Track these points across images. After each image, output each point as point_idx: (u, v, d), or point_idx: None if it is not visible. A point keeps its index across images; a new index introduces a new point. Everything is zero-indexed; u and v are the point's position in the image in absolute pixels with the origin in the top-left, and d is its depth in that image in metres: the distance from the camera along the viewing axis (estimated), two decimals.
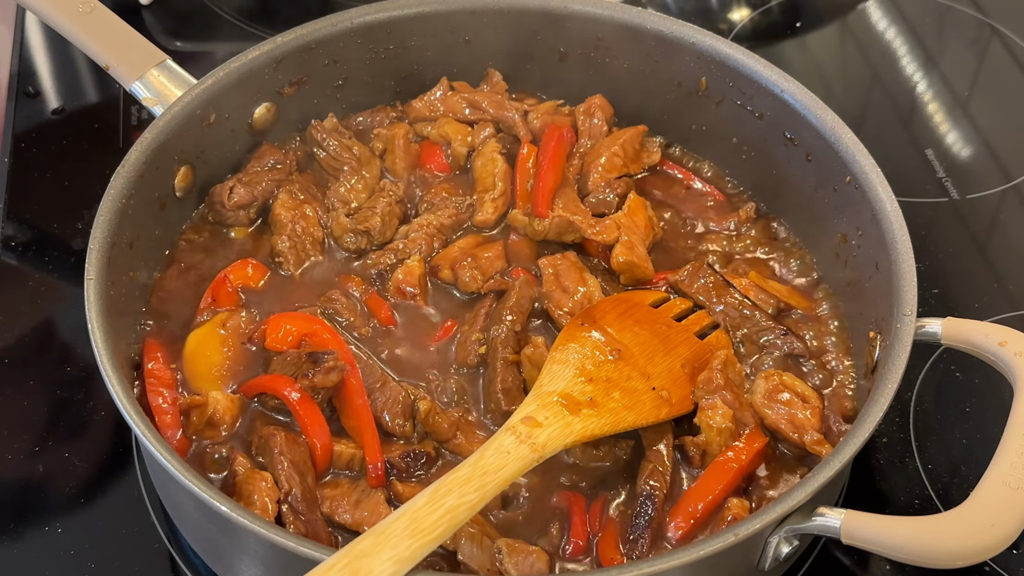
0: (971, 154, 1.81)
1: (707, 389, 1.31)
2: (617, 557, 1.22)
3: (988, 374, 1.28)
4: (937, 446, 1.44)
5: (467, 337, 1.40)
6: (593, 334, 1.34)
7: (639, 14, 1.56)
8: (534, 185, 1.51)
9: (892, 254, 1.30)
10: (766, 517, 1.11)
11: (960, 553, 1.09)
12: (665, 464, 1.27)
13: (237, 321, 1.40)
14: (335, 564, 1.02)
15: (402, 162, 1.56)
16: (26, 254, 1.63)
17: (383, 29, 1.57)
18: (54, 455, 1.41)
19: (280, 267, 1.47)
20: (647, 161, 1.60)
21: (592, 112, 1.60)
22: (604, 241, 1.46)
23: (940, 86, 1.91)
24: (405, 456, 1.28)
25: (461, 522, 1.09)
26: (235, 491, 1.23)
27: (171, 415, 1.30)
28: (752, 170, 1.57)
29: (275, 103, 1.55)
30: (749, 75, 1.50)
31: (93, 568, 1.32)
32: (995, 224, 1.71)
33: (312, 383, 1.28)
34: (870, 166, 1.38)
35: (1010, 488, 1.10)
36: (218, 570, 1.31)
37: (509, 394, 1.33)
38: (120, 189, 1.34)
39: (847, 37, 2.02)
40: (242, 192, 1.49)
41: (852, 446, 1.15)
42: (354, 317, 1.41)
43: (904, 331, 1.23)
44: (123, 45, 1.50)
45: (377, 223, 1.48)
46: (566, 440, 1.21)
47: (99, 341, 1.21)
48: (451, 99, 1.60)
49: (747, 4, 2.03)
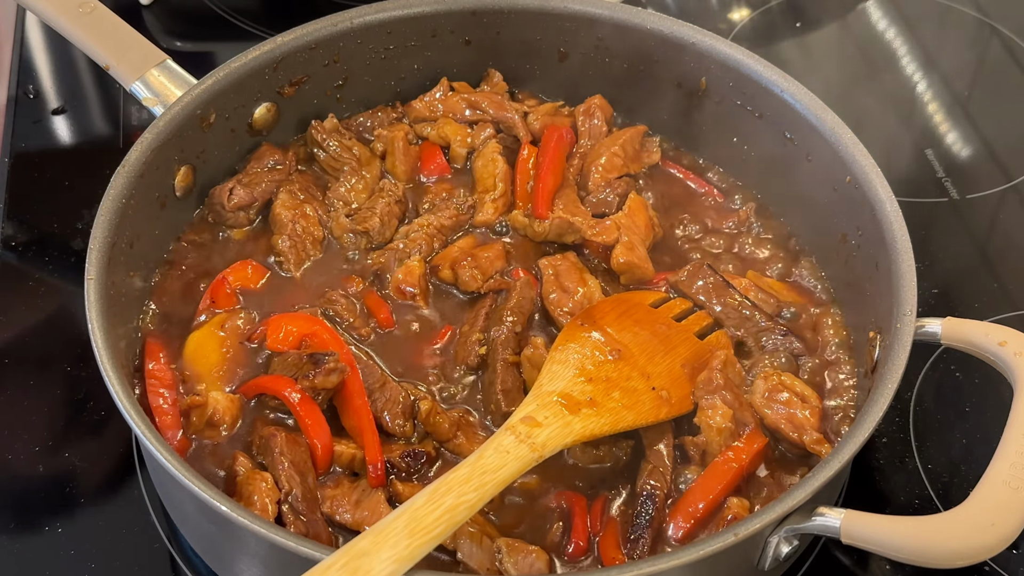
0: (971, 154, 1.81)
1: (707, 389, 1.31)
2: (619, 557, 1.22)
3: (988, 374, 1.28)
4: (937, 446, 1.44)
5: (467, 337, 1.39)
6: (593, 334, 1.34)
7: (639, 14, 1.56)
8: (534, 186, 1.51)
9: (892, 254, 1.30)
10: (766, 517, 1.11)
11: (960, 553, 1.09)
12: (665, 464, 1.27)
13: (236, 322, 1.40)
14: (334, 563, 1.02)
15: (402, 164, 1.56)
16: (26, 254, 1.63)
17: (383, 29, 1.57)
18: (54, 455, 1.41)
19: (280, 267, 1.47)
20: (647, 161, 1.60)
21: (592, 112, 1.60)
22: (604, 242, 1.46)
23: (940, 86, 1.91)
24: (405, 456, 1.28)
25: (460, 521, 1.09)
26: (235, 491, 1.23)
27: (171, 415, 1.31)
28: (752, 170, 1.57)
29: (275, 103, 1.55)
30: (749, 75, 1.50)
31: (93, 568, 1.32)
32: (995, 224, 1.71)
33: (313, 384, 1.28)
34: (870, 166, 1.38)
35: (1010, 488, 1.10)
36: (218, 570, 1.31)
37: (509, 395, 1.33)
38: (120, 189, 1.34)
39: (847, 37, 2.02)
40: (242, 193, 1.49)
41: (852, 446, 1.15)
42: (354, 317, 1.41)
43: (904, 331, 1.23)
44: (123, 45, 1.50)
45: (376, 223, 1.48)
46: (566, 440, 1.21)
47: (99, 341, 1.21)
48: (451, 99, 1.60)
49: (747, 4, 2.03)
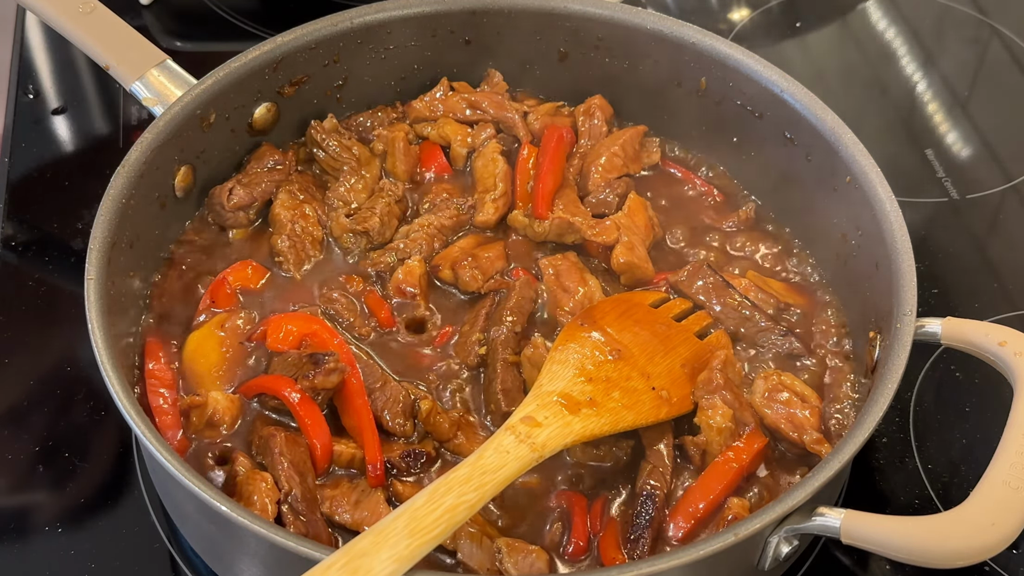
0: (971, 154, 1.81)
1: (707, 389, 1.31)
2: (619, 557, 1.22)
3: (988, 374, 1.28)
4: (937, 446, 1.44)
5: (467, 337, 1.39)
6: (593, 334, 1.34)
7: (639, 14, 1.56)
8: (534, 187, 1.51)
9: (892, 254, 1.30)
10: (766, 517, 1.11)
11: (960, 553, 1.09)
12: (665, 464, 1.27)
13: (236, 322, 1.40)
14: (334, 563, 1.02)
15: (402, 164, 1.56)
16: (26, 254, 1.63)
17: (383, 29, 1.57)
18: (54, 455, 1.41)
19: (280, 267, 1.47)
20: (647, 161, 1.60)
21: (592, 112, 1.60)
22: (604, 242, 1.46)
23: (940, 86, 1.91)
24: (405, 456, 1.28)
25: (460, 521, 1.09)
26: (235, 491, 1.23)
27: (171, 415, 1.31)
28: (752, 170, 1.57)
29: (275, 103, 1.55)
30: (749, 75, 1.50)
31: (93, 568, 1.32)
32: (995, 224, 1.71)
33: (313, 384, 1.28)
34: (870, 166, 1.38)
35: (1010, 488, 1.10)
36: (218, 570, 1.31)
37: (509, 395, 1.33)
38: (120, 189, 1.34)
39: (847, 37, 2.02)
40: (241, 193, 1.49)
41: (852, 446, 1.15)
42: (354, 317, 1.41)
43: (904, 331, 1.23)
44: (123, 45, 1.50)
45: (376, 223, 1.48)
46: (566, 440, 1.21)
47: (99, 341, 1.21)
48: (451, 99, 1.60)
49: (747, 4, 2.03)
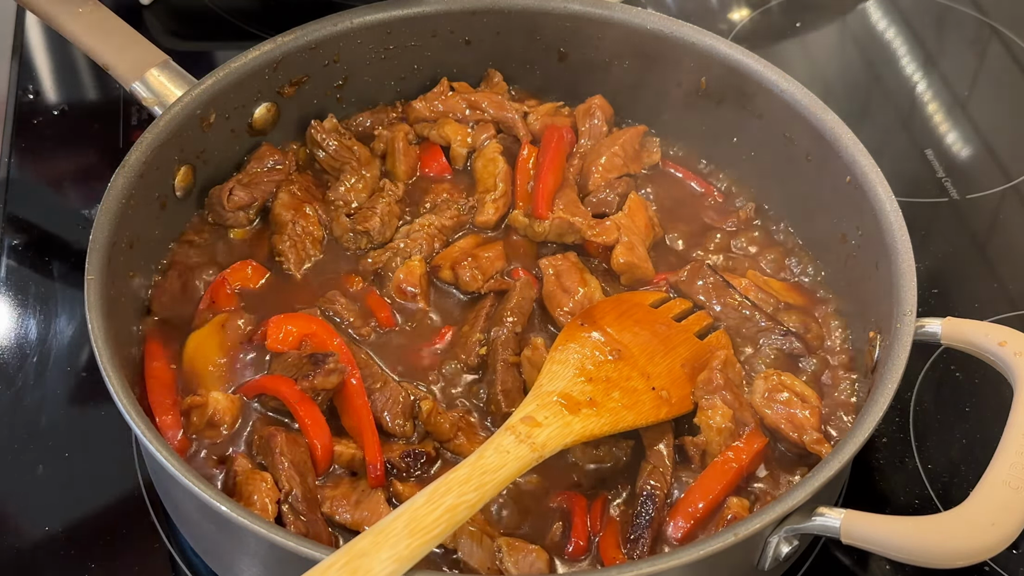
0: (971, 154, 1.81)
1: (707, 389, 1.31)
2: (619, 557, 1.22)
3: (988, 374, 1.28)
4: (937, 446, 1.44)
5: (468, 338, 1.39)
6: (593, 334, 1.34)
7: (639, 14, 1.56)
8: (534, 187, 1.51)
9: (892, 254, 1.30)
10: (766, 517, 1.11)
11: (960, 553, 1.09)
12: (665, 464, 1.27)
13: (236, 322, 1.40)
14: (334, 563, 1.02)
15: (402, 164, 1.56)
16: (26, 254, 1.63)
17: (383, 29, 1.57)
18: (54, 455, 1.41)
19: (281, 266, 1.47)
20: (647, 161, 1.60)
21: (592, 112, 1.60)
22: (604, 243, 1.46)
23: (940, 86, 1.91)
24: (405, 456, 1.28)
25: (460, 521, 1.09)
26: (235, 491, 1.23)
27: (171, 415, 1.31)
28: (752, 170, 1.57)
29: (275, 103, 1.55)
30: (749, 75, 1.50)
31: (93, 568, 1.32)
32: (995, 224, 1.71)
33: (313, 385, 1.28)
34: (870, 166, 1.38)
35: (1010, 488, 1.10)
36: (218, 570, 1.31)
37: (509, 395, 1.33)
38: (120, 189, 1.34)
39: (847, 37, 2.02)
40: (241, 193, 1.49)
41: (852, 446, 1.15)
42: (354, 317, 1.41)
43: (904, 331, 1.23)
44: (123, 45, 1.49)
45: (376, 223, 1.48)
46: (566, 440, 1.21)
47: (99, 341, 1.21)
48: (451, 99, 1.60)
49: (747, 4, 2.03)
